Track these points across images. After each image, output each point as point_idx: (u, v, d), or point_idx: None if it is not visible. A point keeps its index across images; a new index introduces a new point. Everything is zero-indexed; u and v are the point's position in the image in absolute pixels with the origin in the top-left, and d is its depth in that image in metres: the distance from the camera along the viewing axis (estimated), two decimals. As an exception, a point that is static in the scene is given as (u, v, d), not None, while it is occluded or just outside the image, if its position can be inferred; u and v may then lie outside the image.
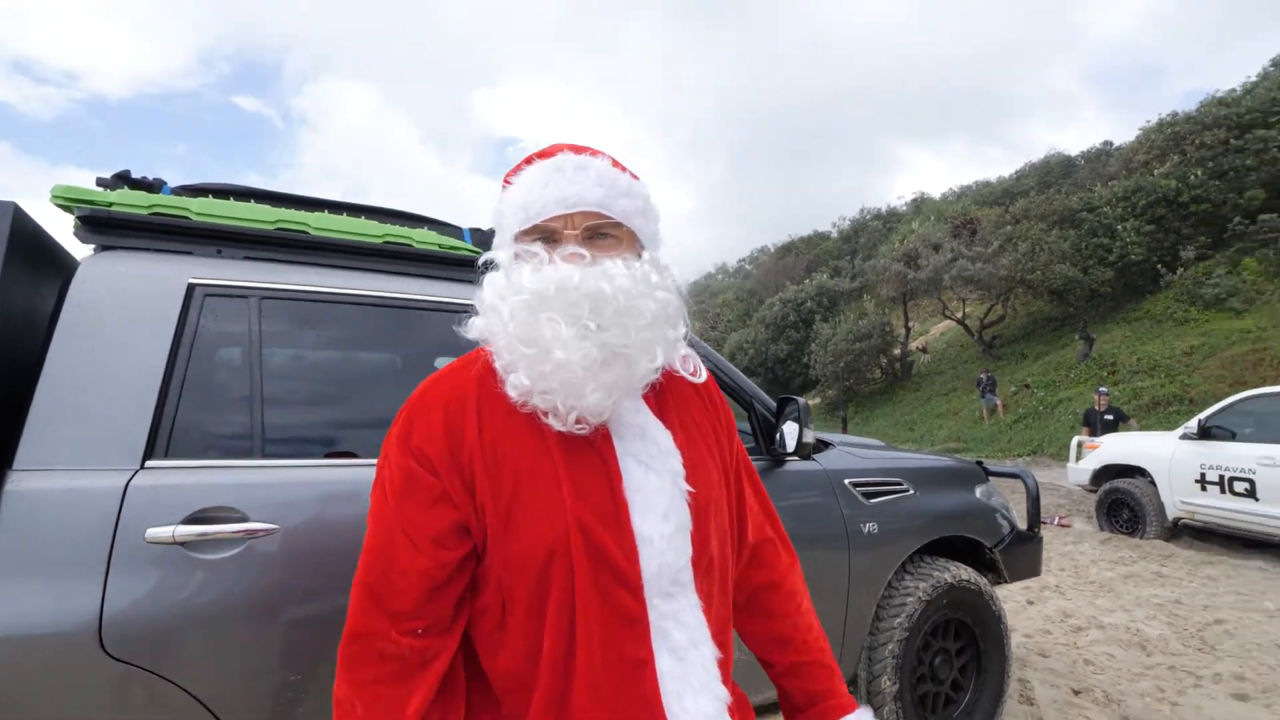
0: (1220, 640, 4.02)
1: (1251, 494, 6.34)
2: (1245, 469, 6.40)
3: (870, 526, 2.41)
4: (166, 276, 1.55)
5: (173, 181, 1.92)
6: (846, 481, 2.43)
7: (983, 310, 23.34)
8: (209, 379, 1.53)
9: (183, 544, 1.34)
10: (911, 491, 2.60)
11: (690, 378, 0.96)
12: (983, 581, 2.71)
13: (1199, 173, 18.62)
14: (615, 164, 0.94)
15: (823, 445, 2.57)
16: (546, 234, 0.87)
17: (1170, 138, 20.55)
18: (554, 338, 0.79)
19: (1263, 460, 6.27)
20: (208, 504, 1.38)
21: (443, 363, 1.90)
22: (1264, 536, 6.37)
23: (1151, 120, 23.37)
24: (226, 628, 1.35)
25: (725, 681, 0.87)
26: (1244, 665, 3.61)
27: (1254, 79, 22.43)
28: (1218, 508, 6.66)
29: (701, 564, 0.88)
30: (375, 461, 1.58)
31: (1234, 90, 21.71)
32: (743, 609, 1.08)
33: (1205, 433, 6.85)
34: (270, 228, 1.78)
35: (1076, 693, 3.21)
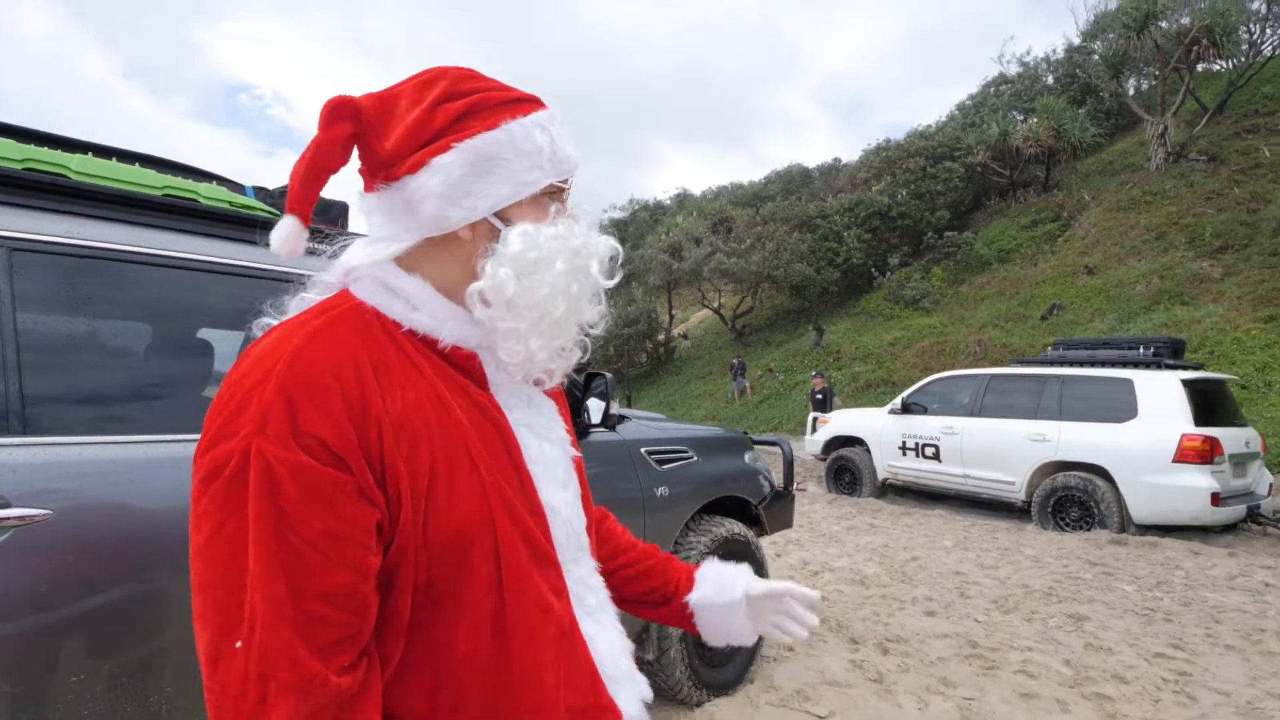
0: (916, 573, 4.99)
1: (936, 457, 7.86)
2: (933, 437, 7.91)
3: (662, 490, 2.66)
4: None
5: None
6: (642, 450, 2.65)
7: (736, 301, 25.79)
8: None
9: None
10: (695, 458, 2.91)
11: None
12: (750, 534, 3.11)
13: (904, 192, 22.24)
14: None
15: (621, 418, 2.77)
16: (554, 193, 0.81)
17: (884, 160, 24.23)
18: (585, 304, 0.80)
19: (944, 429, 7.80)
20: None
21: (224, 334, 1.71)
22: (943, 490, 7.95)
23: (871, 144, 27.43)
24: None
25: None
26: (932, 590, 4.54)
27: (944, 119, 27.27)
28: (913, 469, 8.16)
29: (591, 527, 0.90)
30: (177, 436, 1.46)
31: (930, 126, 26.23)
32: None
33: (906, 408, 8.33)
34: (18, 165, 1.53)
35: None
